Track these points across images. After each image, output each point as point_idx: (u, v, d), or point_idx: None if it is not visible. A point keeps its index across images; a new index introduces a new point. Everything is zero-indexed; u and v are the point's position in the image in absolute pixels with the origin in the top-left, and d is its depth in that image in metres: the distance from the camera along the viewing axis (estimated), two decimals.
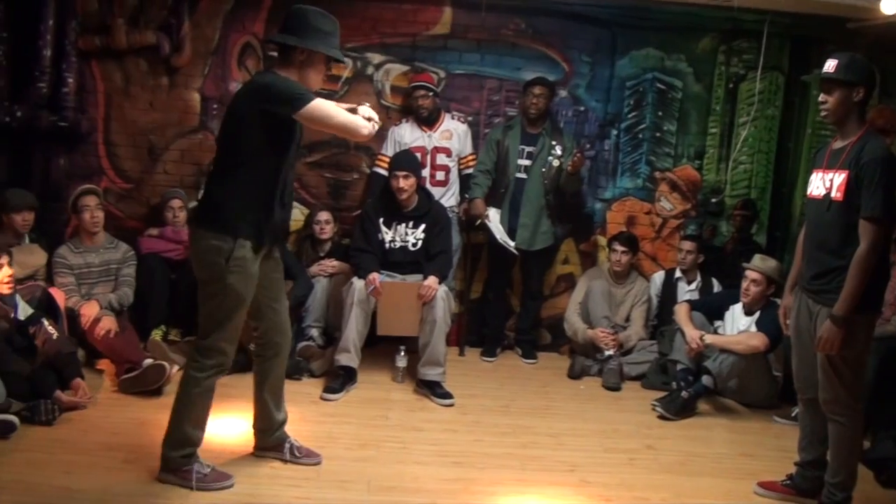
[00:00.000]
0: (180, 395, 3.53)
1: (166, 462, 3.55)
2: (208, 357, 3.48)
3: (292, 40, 3.40)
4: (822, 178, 3.63)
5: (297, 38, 3.40)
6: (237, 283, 3.41)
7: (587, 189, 6.36)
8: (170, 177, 6.08)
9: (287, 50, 3.44)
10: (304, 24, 3.41)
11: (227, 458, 3.84)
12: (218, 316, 3.45)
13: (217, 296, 3.43)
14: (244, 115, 3.39)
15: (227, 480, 3.58)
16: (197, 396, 3.51)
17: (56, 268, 5.21)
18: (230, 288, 3.40)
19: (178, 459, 3.53)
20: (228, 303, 3.43)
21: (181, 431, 3.53)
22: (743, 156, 6.39)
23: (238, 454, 3.93)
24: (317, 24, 3.43)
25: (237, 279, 3.40)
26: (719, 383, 5.13)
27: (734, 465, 4.38)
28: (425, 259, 5.36)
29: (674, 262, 6.17)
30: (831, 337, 3.46)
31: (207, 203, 3.57)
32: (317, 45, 3.42)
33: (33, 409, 4.07)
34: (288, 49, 3.44)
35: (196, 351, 3.52)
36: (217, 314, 3.45)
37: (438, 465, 4.05)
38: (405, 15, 6.08)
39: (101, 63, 5.93)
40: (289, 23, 3.47)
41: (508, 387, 5.45)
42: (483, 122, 6.24)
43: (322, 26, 3.44)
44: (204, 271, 3.45)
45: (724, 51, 6.30)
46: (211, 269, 3.41)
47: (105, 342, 4.90)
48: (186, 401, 3.52)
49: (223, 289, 3.40)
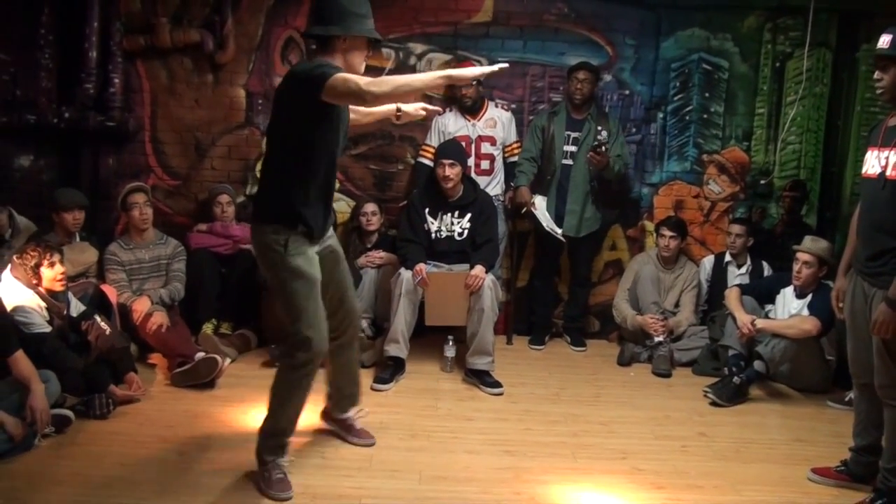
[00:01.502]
0: (276, 390, 3.52)
1: (258, 449, 3.56)
2: (298, 350, 3.42)
3: (334, 30, 3.35)
4: (878, 157, 3.53)
5: (336, 27, 3.34)
6: (303, 264, 3.40)
7: (633, 173, 6.30)
8: (217, 172, 6.15)
9: (327, 39, 3.39)
10: (340, 10, 3.35)
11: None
12: (294, 303, 3.41)
13: (286, 284, 3.41)
14: (283, 108, 3.40)
15: (287, 492, 3.47)
16: (292, 392, 3.50)
17: (107, 264, 5.29)
18: (297, 271, 3.39)
19: (269, 448, 3.53)
20: (299, 287, 3.40)
21: (275, 423, 3.53)
22: (791, 136, 6.28)
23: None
24: (351, 7, 3.37)
25: (302, 261, 3.40)
26: (772, 368, 5.07)
27: (788, 451, 4.32)
28: (471, 248, 5.36)
29: (723, 246, 6.09)
30: (887, 320, 3.37)
31: (259, 197, 3.61)
32: (356, 28, 3.37)
33: (88, 404, 4.16)
34: (327, 38, 3.38)
35: (286, 348, 3.49)
36: (292, 302, 3.41)
37: (489, 455, 4.05)
38: (446, 4, 6.07)
39: (146, 62, 6.02)
40: (323, 11, 3.40)
41: (557, 375, 5.43)
42: (527, 109, 6.20)
43: (356, 9, 3.39)
44: (268, 264, 3.46)
45: (769, 28, 6.18)
46: (273, 261, 3.41)
47: (157, 337, 4.98)
48: (282, 396, 3.51)
49: (290, 274, 3.39)
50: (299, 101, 3.27)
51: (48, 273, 4.34)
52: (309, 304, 3.43)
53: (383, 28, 5.91)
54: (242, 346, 5.41)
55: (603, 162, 5.62)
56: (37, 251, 4.33)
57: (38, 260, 4.30)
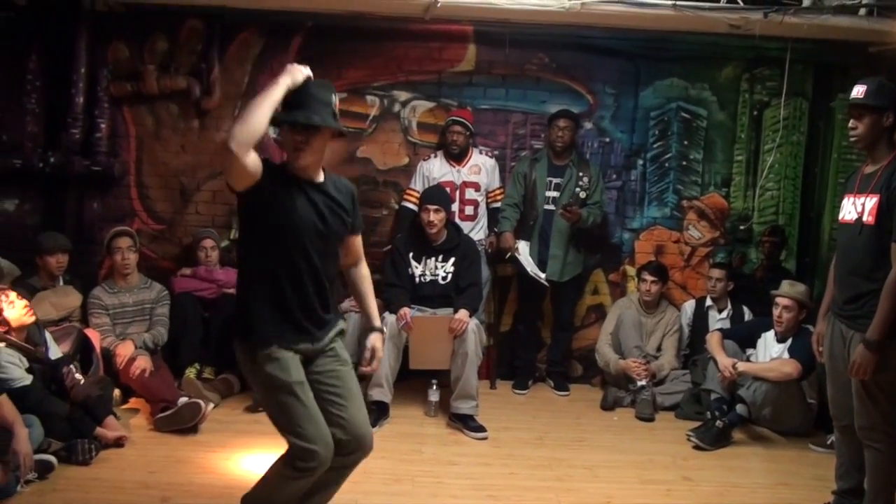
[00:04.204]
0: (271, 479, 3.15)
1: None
2: (300, 459, 3.01)
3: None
4: (854, 203, 3.63)
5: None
6: (275, 370, 3.00)
7: (615, 219, 6.38)
8: (201, 217, 6.18)
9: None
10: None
11: None
12: (283, 418, 3.04)
13: (268, 398, 3.10)
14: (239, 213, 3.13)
15: None
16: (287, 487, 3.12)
17: (91, 308, 5.29)
18: (272, 379, 3.01)
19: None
20: (280, 397, 3.02)
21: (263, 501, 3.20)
22: (770, 182, 6.38)
23: None
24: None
25: (274, 367, 3.00)
26: (754, 412, 5.10)
27: (771, 495, 4.34)
28: (455, 292, 5.39)
29: (704, 291, 6.15)
30: (864, 362, 3.43)
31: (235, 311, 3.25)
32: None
33: (70, 449, 4.13)
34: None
35: (287, 455, 3.08)
36: (282, 417, 3.05)
37: (473, 499, 4.05)
38: (430, 53, 6.17)
39: (133, 108, 6.07)
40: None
41: (541, 419, 5.43)
42: (509, 155, 6.28)
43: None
44: (251, 380, 3.22)
45: (747, 78, 6.32)
46: (253, 374, 3.10)
47: (140, 381, 4.95)
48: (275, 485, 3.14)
49: (266, 383, 3.04)
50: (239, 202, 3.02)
51: (12, 313, 4.21)
52: (298, 412, 3.02)
53: (368, 76, 6.07)
54: (225, 390, 5.38)
55: (573, 219, 5.71)
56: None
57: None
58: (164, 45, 5.99)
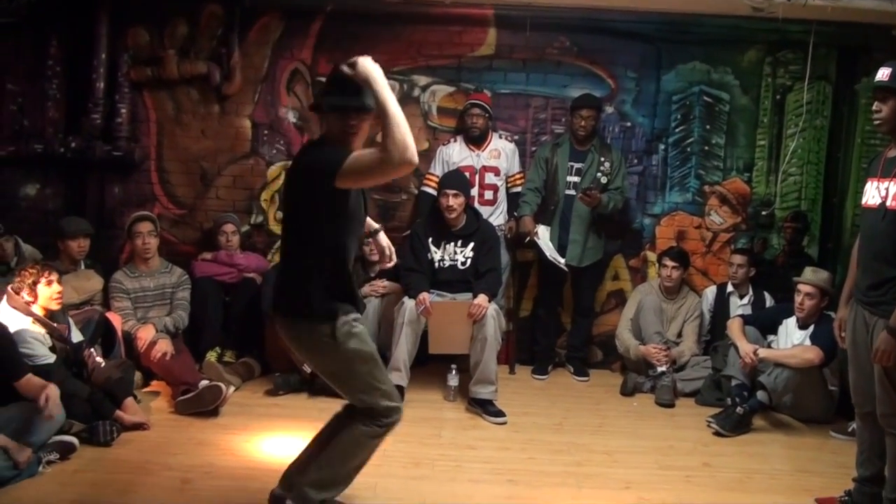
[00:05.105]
0: (343, 445, 3.30)
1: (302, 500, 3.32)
2: (382, 416, 3.27)
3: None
4: (878, 187, 3.57)
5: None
6: (357, 344, 3.20)
7: (636, 204, 6.34)
8: (222, 202, 6.20)
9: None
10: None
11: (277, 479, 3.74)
12: (362, 383, 3.24)
13: (348, 368, 3.23)
14: (300, 196, 3.19)
15: None
16: (363, 451, 3.33)
17: (112, 292, 5.33)
18: (353, 353, 3.19)
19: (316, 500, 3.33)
20: (361, 367, 3.22)
21: (334, 475, 3.35)
22: (792, 167, 6.32)
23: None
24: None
25: (356, 342, 3.19)
26: (774, 398, 5.07)
27: (792, 481, 4.31)
28: (474, 277, 5.38)
29: (725, 277, 6.11)
30: (888, 348, 3.39)
31: (290, 291, 3.25)
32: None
33: (92, 431, 4.17)
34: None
35: (367, 418, 3.27)
36: (361, 383, 3.24)
37: (492, 484, 4.05)
38: (450, 37, 6.14)
39: (153, 93, 6.11)
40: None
41: (561, 404, 5.43)
42: (529, 140, 6.25)
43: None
44: (319, 357, 3.29)
45: (770, 62, 6.25)
46: (324, 353, 3.23)
47: (161, 364, 4.99)
48: (349, 452, 3.32)
49: (348, 359, 3.20)
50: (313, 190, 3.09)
51: (45, 291, 4.32)
52: (377, 380, 3.26)
53: (387, 60, 6.04)
54: (246, 374, 5.41)
55: (593, 203, 5.68)
56: (35, 268, 4.34)
57: (35, 277, 4.29)
58: (184, 30, 6.01)
